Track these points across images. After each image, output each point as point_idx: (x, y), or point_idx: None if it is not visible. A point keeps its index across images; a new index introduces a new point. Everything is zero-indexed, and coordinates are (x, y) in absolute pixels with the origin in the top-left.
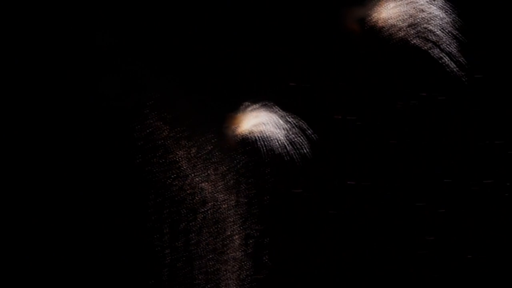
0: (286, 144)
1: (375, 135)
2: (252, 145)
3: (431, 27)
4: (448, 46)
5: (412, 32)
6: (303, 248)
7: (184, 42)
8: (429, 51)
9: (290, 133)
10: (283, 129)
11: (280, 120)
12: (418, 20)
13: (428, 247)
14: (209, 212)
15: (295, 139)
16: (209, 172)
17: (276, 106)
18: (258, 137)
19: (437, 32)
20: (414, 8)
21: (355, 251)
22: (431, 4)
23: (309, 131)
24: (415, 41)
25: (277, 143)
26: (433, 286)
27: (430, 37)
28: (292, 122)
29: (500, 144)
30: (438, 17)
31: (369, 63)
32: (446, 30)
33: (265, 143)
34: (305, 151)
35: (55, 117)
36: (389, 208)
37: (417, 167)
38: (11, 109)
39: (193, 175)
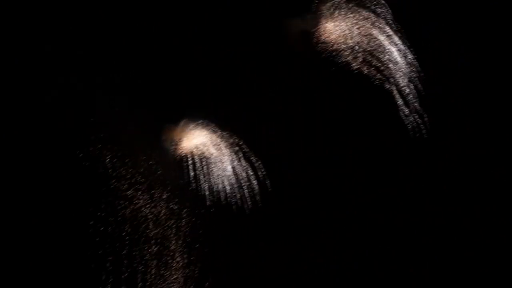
0: (227, 167)
1: (318, 153)
2: (193, 169)
3: (374, 52)
4: (393, 73)
5: (353, 55)
6: (247, 274)
7: (126, 52)
8: (371, 75)
9: (232, 155)
10: (225, 150)
11: (221, 141)
12: (362, 44)
13: (428, 247)
14: (152, 240)
15: (236, 161)
16: (152, 198)
17: (216, 125)
18: (199, 159)
19: (381, 58)
20: (358, 31)
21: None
22: (377, 29)
23: (250, 154)
24: (355, 64)
25: (218, 166)
26: (433, 286)
27: (374, 62)
28: (233, 143)
29: None
30: (383, 44)
31: (312, 80)
32: (394, 58)
33: (206, 166)
34: (247, 175)
35: None
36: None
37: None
38: None
39: (135, 201)
